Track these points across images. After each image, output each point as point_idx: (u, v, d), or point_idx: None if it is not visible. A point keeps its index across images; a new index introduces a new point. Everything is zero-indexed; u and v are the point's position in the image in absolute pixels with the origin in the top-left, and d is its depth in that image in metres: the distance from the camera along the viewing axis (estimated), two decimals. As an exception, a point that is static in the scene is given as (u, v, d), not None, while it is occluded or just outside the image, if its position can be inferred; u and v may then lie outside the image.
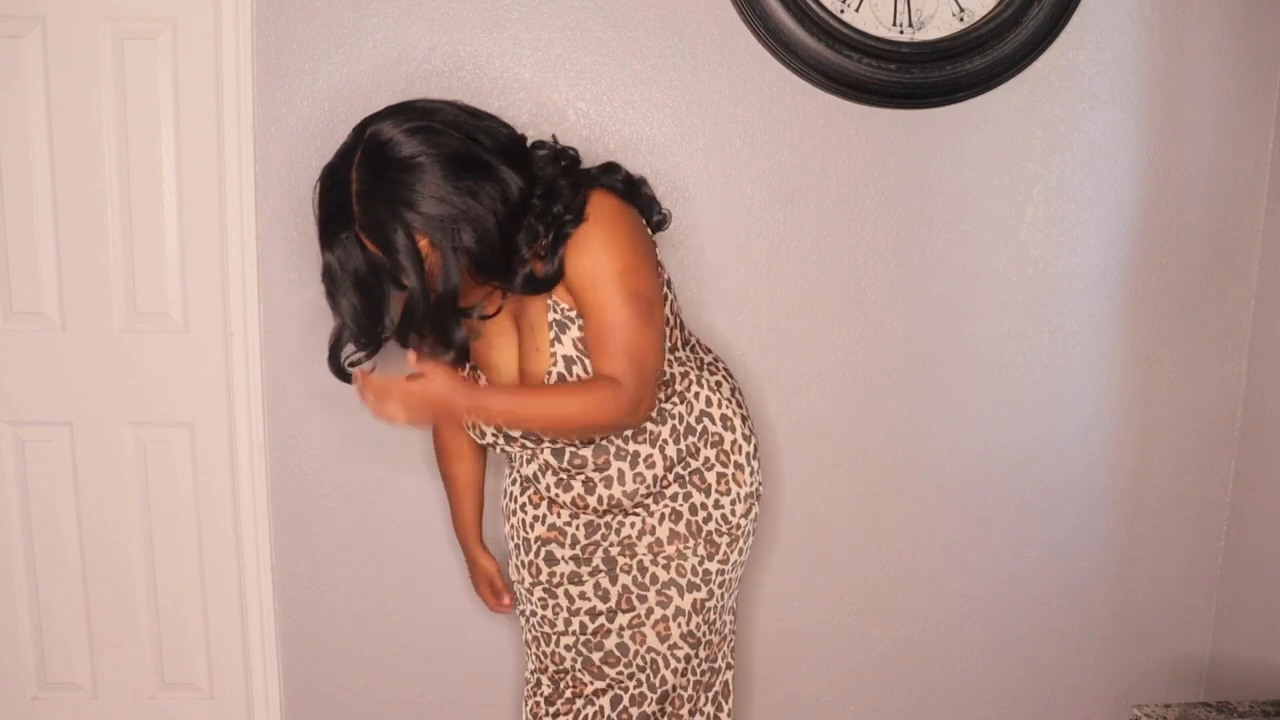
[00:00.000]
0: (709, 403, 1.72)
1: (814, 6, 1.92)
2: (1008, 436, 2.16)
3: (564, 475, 1.70)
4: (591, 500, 1.71)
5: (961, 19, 1.96)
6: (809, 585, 2.19)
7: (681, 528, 1.72)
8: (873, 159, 2.03)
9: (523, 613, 1.86)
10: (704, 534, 1.73)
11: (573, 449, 1.66)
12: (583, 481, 1.70)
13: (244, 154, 1.97)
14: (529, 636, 1.85)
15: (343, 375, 1.64)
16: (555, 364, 1.59)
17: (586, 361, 1.58)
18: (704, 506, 1.73)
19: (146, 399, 2.09)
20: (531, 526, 1.77)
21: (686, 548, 1.73)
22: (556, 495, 1.72)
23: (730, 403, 1.75)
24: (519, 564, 1.81)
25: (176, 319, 2.07)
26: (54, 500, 2.12)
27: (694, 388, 1.72)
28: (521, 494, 1.78)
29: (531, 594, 1.80)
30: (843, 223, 2.05)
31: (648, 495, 1.71)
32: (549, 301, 1.58)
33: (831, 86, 1.98)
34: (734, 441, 1.73)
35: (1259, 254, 2.12)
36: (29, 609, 2.16)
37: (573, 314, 1.57)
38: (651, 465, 1.68)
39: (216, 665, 2.20)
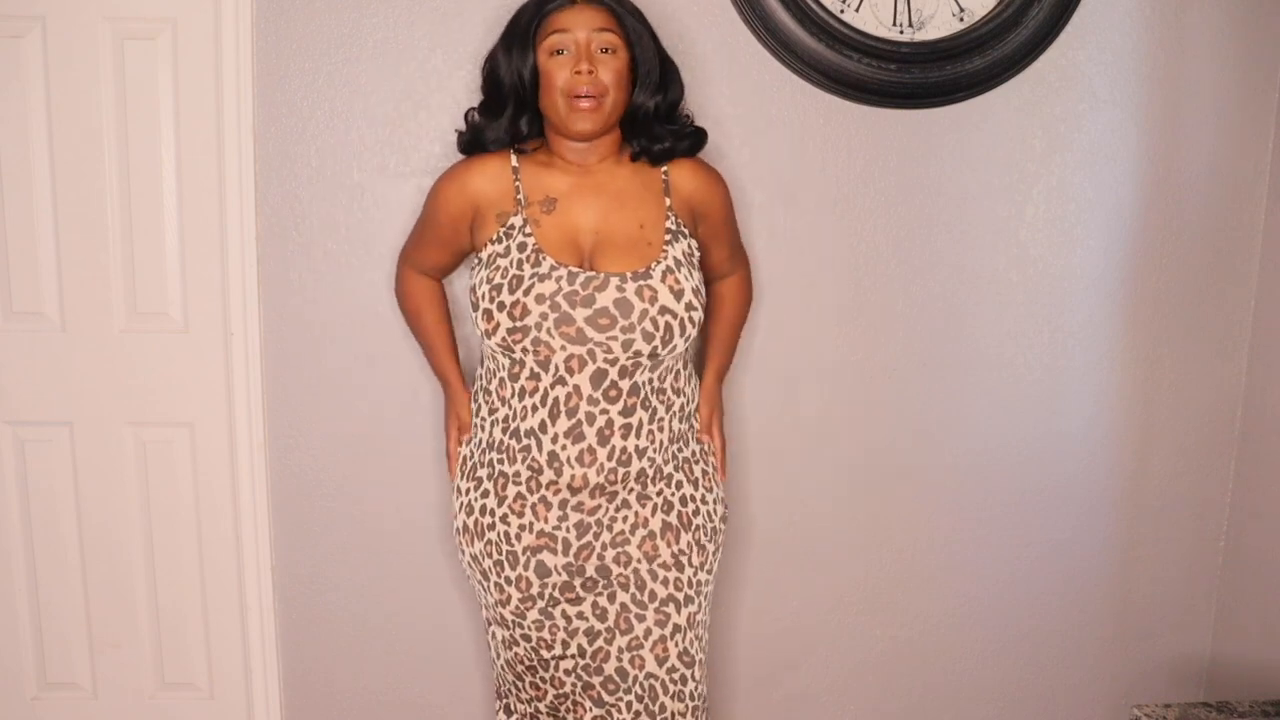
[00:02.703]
0: (697, 402, 1.82)
1: (814, 6, 1.92)
2: (1008, 436, 2.16)
3: (580, 421, 1.65)
4: (601, 454, 1.65)
5: (961, 19, 1.96)
6: (809, 585, 2.19)
7: (674, 519, 1.73)
8: (873, 159, 2.03)
9: (509, 645, 1.79)
10: (693, 528, 1.75)
11: (615, 377, 1.64)
12: (597, 431, 1.65)
13: (244, 154, 1.97)
14: (521, 668, 1.79)
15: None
16: (664, 259, 1.68)
17: (693, 270, 1.70)
18: (692, 499, 1.76)
19: (146, 399, 2.09)
20: (518, 537, 1.71)
21: (681, 552, 1.74)
22: (558, 451, 1.66)
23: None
24: (502, 581, 1.73)
25: (176, 319, 2.07)
26: (54, 500, 2.13)
27: (693, 381, 1.80)
28: (500, 504, 1.72)
29: (524, 617, 1.74)
30: (843, 223, 2.05)
31: (649, 468, 1.70)
32: (669, 214, 1.73)
33: (831, 86, 1.98)
34: (710, 444, 1.85)
35: (1259, 254, 2.12)
36: (29, 609, 2.16)
37: (685, 230, 1.73)
38: (662, 428, 1.70)
39: (216, 665, 2.20)
